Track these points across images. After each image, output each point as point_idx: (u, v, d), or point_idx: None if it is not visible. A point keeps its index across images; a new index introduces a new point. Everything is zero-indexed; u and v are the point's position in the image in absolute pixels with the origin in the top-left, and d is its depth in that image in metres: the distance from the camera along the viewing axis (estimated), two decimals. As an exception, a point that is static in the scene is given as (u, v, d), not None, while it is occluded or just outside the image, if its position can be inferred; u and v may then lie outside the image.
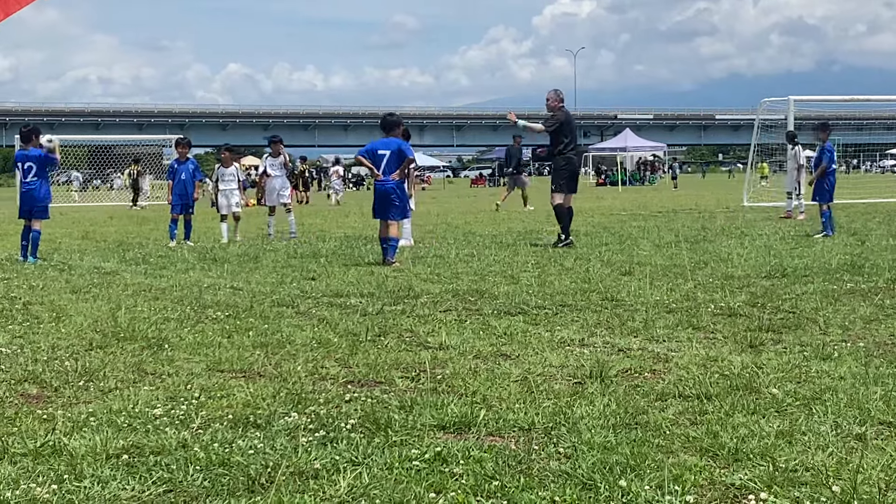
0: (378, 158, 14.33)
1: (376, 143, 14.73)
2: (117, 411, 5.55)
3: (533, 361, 6.83)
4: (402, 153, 14.39)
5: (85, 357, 7.22)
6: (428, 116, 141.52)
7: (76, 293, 11.15)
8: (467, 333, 8.00)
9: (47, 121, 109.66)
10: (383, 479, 4.32)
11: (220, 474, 4.42)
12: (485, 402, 5.65)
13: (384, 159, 14.27)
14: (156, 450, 4.80)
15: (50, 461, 4.67)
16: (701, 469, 4.35)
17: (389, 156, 14.28)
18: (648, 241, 16.99)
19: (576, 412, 5.36)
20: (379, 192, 14.42)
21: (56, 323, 8.94)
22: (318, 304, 9.98)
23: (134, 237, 21.53)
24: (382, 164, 14.27)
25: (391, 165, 14.27)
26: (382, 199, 14.33)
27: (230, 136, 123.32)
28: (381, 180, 14.32)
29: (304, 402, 5.71)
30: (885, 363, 6.51)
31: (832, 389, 5.76)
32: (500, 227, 22.70)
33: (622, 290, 10.46)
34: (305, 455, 4.65)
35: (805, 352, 6.96)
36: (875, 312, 8.65)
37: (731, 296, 9.84)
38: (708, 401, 5.56)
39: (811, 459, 4.44)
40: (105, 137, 73.79)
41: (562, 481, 4.26)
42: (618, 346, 7.36)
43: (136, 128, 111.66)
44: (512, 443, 4.87)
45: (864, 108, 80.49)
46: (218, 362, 6.96)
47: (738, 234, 18.66)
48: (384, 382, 6.32)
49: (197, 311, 9.59)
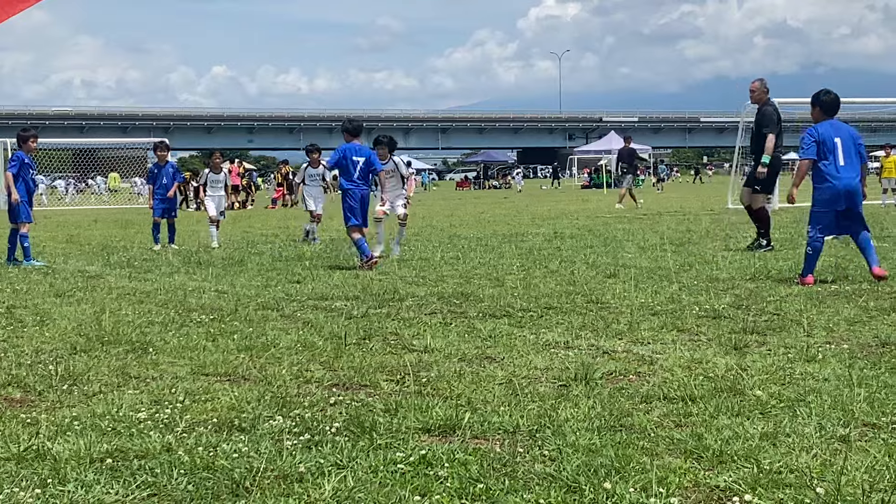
0: (353, 164, 14.33)
1: (349, 148, 14.52)
2: (101, 415, 5.54)
3: (518, 364, 6.84)
4: (371, 162, 14.49)
5: (69, 361, 7.19)
6: (413, 119, 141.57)
7: (60, 297, 11.12)
8: (452, 336, 8.00)
9: (31, 124, 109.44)
10: (368, 482, 4.32)
11: (204, 478, 4.41)
12: (469, 405, 5.64)
13: (358, 165, 14.32)
14: (140, 454, 4.79)
15: (33, 465, 4.65)
16: (685, 471, 4.36)
17: (363, 163, 14.36)
18: (633, 244, 17.00)
19: (560, 415, 5.36)
20: (358, 198, 14.34)
21: (40, 327, 8.91)
22: (303, 307, 9.96)
23: (118, 240, 21.46)
24: (358, 170, 14.32)
25: (364, 172, 14.37)
26: (364, 204, 14.39)
27: (215, 140, 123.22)
28: (360, 186, 14.35)
29: (288, 406, 5.71)
30: (869, 365, 6.53)
31: (816, 391, 5.78)
32: (485, 229, 22.71)
33: (607, 292, 10.47)
34: (290, 459, 4.64)
35: (789, 354, 6.98)
36: (859, 314, 8.68)
37: (716, 298, 9.86)
38: (692, 403, 5.57)
39: (795, 461, 4.45)
40: (89, 141, 73.60)
41: (546, 484, 4.26)
42: (602, 349, 7.36)
43: (121, 131, 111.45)
44: (497, 445, 4.87)
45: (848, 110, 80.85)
46: (202, 366, 6.95)
47: (722, 236, 18.70)
48: (369, 385, 6.31)
49: (181, 314, 9.57)
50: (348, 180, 14.32)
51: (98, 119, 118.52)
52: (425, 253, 16.03)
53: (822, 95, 11.68)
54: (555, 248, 16.60)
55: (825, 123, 11.46)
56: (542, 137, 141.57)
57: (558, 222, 25.01)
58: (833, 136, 11.25)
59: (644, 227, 22.07)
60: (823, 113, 11.56)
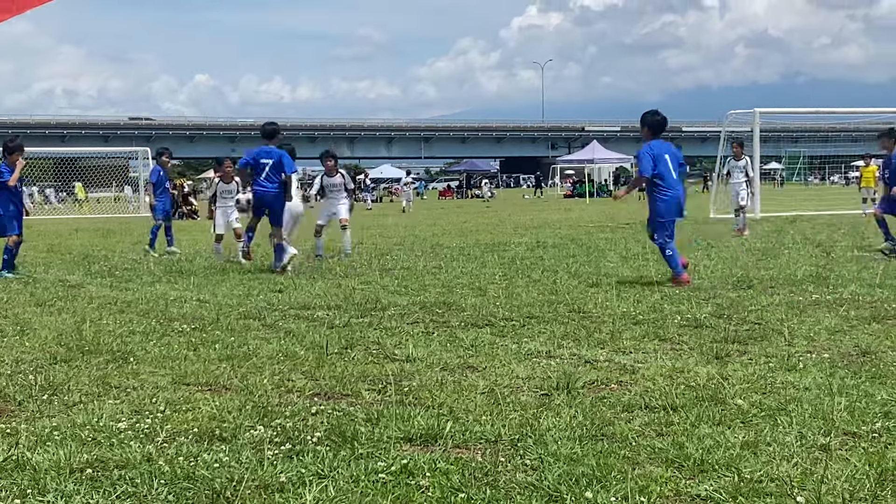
0: (261, 166, 15.02)
1: (259, 151, 15.27)
2: (81, 425, 5.51)
3: (500, 373, 6.84)
4: (282, 164, 15.06)
5: (49, 371, 7.16)
6: (396, 128, 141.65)
7: (41, 306, 11.07)
8: (434, 346, 8.00)
9: (13, 133, 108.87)
10: (349, 492, 4.31)
11: (184, 488, 4.39)
12: (451, 415, 5.64)
13: (266, 167, 15.00)
14: (120, 464, 4.77)
15: (13, 475, 4.62)
16: (667, 480, 4.37)
17: (271, 165, 15.01)
18: (615, 253, 17.05)
19: (542, 424, 5.36)
20: (261, 199, 15.11)
21: (20, 336, 8.86)
22: (285, 316, 9.94)
23: (99, 250, 21.38)
24: (265, 172, 14.99)
25: (272, 173, 15.01)
26: (262, 205, 15.17)
27: (197, 149, 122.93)
28: (264, 187, 15.04)
29: (270, 415, 5.69)
30: (850, 374, 6.55)
31: (797, 400, 5.80)
32: (468, 239, 22.71)
33: (589, 301, 10.49)
34: (271, 468, 4.63)
35: (770, 363, 7.00)
36: (840, 324, 8.72)
37: (698, 307, 9.89)
38: (674, 412, 5.58)
39: (776, 470, 4.47)
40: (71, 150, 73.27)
41: (528, 493, 4.26)
42: (584, 358, 7.37)
43: (102, 140, 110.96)
44: (478, 455, 4.87)
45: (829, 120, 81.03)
46: (183, 375, 6.92)
47: (704, 245, 18.76)
48: (351, 395, 6.30)
49: (163, 323, 9.54)
50: (256, 182, 15.11)
51: (80, 128, 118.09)
52: (407, 262, 16.03)
53: (649, 118, 12.91)
54: (537, 257, 16.63)
55: (656, 142, 12.67)
56: (524, 147, 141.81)
57: (541, 232, 25.05)
58: (664, 154, 12.49)
59: (626, 236, 22.11)
60: (652, 133, 12.80)
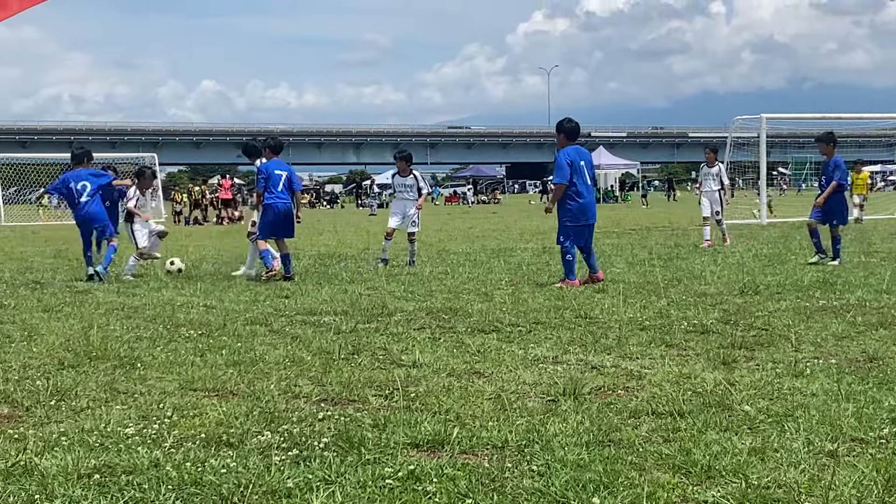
0: (276, 178, 14.89)
1: (270, 163, 15.10)
2: (89, 431, 5.52)
3: (506, 379, 6.84)
4: (291, 179, 15.12)
5: (57, 376, 7.17)
6: (402, 134, 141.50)
7: (48, 312, 11.09)
8: (441, 351, 8.00)
9: (20, 139, 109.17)
10: (356, 497, 4.31)
11: (192, 493, 4.40)
12: (458, 420, 5.64)
13: (281, 179, 14.91)
14: (128, 469, 4.77)
15: (21, 481, 4.63)
16: (674, 486, 4.36)
17: (285, 177, 14.97)
18: (622, 259, 17.03)
19: (549, 430, 5.36)
20: (281, 211, 14.90)
21: (28, 342, 8.87)
22: (292, 322, 9.95)
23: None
24: (280, 184, 14.89)
25: (286, 186, 14.96)
26: (287, 218, 15.02)
27: (204, 155, 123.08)
28: (283, 199, 14.91)
29: (276, 421, 5.69)
30: (857, 380, 6.54)
31: (804, 406, 5.79)
32: (474, 244, 22.72)
33: (595, 307, 10.49)
34: (278, 474, 4.63)
35: (777, 369, 7.00)
36: (847, 329, 8.70)
37: (704, 313, 9.88)
38: (681, 418, 5.58)
39: (783, 476, 4.46)
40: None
41: (535, 499, 4.26)
42: (591, 364, 7.37)
43: (110, 146, 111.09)
44: (485, 460, 4.87)
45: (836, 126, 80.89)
46: (191, 381, 6.93)
47: (710, 251, 18.75)
48: (357, 401, 6.30)
49: (170, 329, 9.54)
50: (270, 194, 14.89)
51: (87, 133, 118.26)
52: (414, 268, 16.02)
53: (565, 124, 13.27)
54: (543, 262, 16.62)
55: (570, 148, 12.99)
56: (530, 152, 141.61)
57: (547, 237, 25.01)
58: (579, 160, 12.82)
59: (632, 241, 22.10)
60: (568, 139, 13.12)
